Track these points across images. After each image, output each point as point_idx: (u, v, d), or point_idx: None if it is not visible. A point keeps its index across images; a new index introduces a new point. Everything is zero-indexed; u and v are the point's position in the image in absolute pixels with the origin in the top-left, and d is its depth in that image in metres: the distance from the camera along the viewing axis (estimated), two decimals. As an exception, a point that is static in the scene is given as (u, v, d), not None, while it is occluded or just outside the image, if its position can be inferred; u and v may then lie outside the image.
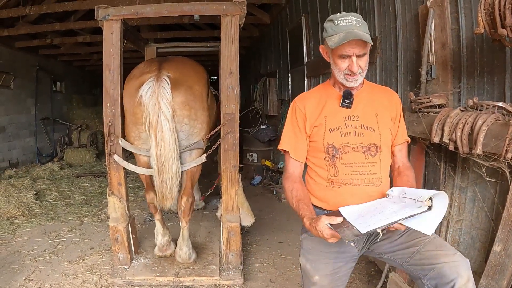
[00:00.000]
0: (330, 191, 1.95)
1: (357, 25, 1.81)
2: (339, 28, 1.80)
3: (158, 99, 3.19)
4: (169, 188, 3.34)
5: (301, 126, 2.01)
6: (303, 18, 5.97)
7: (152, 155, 3.28)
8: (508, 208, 2.01)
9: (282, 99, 7.75)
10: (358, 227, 1.57)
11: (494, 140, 1.98)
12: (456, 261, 1.68)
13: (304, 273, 2.07)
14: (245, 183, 4.83)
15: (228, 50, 3.47)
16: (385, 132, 1.97)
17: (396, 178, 2.04)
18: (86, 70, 14.06)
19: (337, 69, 1.89)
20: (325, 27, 1.87)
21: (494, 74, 2.31)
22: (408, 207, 1.65)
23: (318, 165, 1.99)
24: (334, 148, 1.92)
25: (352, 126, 1.94)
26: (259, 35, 9.81)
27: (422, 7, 2.84)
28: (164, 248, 3.71)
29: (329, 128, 1.94)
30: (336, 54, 1.86)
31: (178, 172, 3.35)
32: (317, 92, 2.09)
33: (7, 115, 8.94)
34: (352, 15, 1.84)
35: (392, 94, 2.11)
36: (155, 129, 3.20)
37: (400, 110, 2.07)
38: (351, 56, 1.83)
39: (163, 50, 5.33)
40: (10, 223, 5.17)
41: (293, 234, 4.73)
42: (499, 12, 1.86)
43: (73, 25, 8.26)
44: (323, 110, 1.98)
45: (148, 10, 3.51)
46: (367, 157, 1.92)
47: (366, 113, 1.96)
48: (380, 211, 1.70)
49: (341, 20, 1.81)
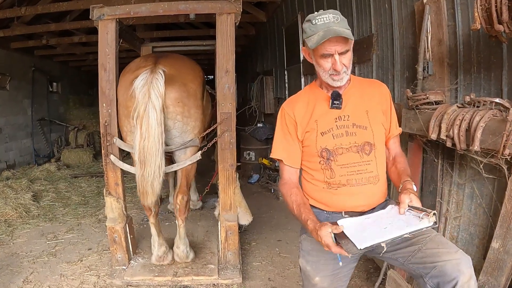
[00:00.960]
0: (327, 193, 1.93)
1: (336, 21, 1.76)
2: (317, 27, 1.75)
3: (149, 89, 3.11)
4: (150, 182, 3.19)
5: (292, 132, 1.98)
6: (299, 16, 5.96)
7: (135, 146, 3.17)
8: (506, 205, 2.01)
9: (279, 97, 7.75)
10: (360, 242, 1.54)
11: (491, 136, 1.98)
12: (458, 259, 1.66)
13: (304, 275, 2.06)
14: (242, 181, 4.82)
15: (224, 49, 3.46)
16: (378, 128, 1.95)
17: (391, 168, 2.02)
18: (82, 70, 14.00)
19: (321, 70, 1.85)
20: (304, 28, 1.83)
21: (491, 70, 2.30)
22: (412, 221, 1.63)
23: (313, 168, 1.97)
24: (328, 151, 1.90)
25: (344, 126, 1.91)
26: (255, 33, 9.80)
27: (418, 4, 2.84)
28: (161, 258, 3.66)
29: (320, 132, 1.91)
30: (318, 55, 1.81)
31: (162, 167, 3.21)
32: (304, 95, 2.04)
33: (3, 116, 8.90)
34: (330, 12, 1.79)
35: (380, 86, 2.07)
36: (141, 119, 3.10)
37: (390, 101, 2.04)
38: (333, 55, 1.78)
39: (159, 49, 5.31)
40: (7, 225, 5.15)
41: (291, 232, 4.73)
42: (495, 8, 1.85)
43: (69, 25, 8.22)
44: (313, 114, 1.94)
45: (143, 10, 3.50)
46: (362, 156, 1.90)
47: (356, 111, 1.93)
48: (383, 225, 1.67)
49: (319, 19, 1.76)
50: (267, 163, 7.53)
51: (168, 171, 3.45)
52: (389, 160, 2.06)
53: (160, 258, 3.64)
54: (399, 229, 1.59)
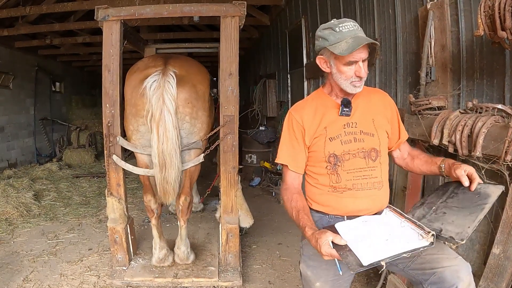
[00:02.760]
0: (332, 196, 1.94)
1: (358, 29, 1.78)
2: (343, 35, 1.76)
3: (163, 93, 3.15)
4: (172, 183, 3.30)
5: (299, 137, 1.98)
6: (302, 20, 5.97)
7: (153, 149, 3.23)
8: (507, 211, 2.01)
9: (282, 101, 7.76)
10: (360, 258, 1.53)
11: (493, 142, 1.98)
12: (457, 265, 1.67)
13: (305, 280, 2.06)
14: (244, 184, 4.82)
15: (228, 52, 3.46)
16: (383, 135, 1.97)
17: (413, 162, 2.08)
18: (85, 70, 14.05)
19: (343, 77, 1.84)
20: (324, 36, 1.81)
21: (494, 77, 2.31)
22: (411, 236, 1.63)
23: (319, 173, 1.97)
24: (336, 156, 1.90)
25: (352, 133, 1.92)
26: (259, 37, 9.82)
27: (422, 9, 2.85)
28: (162, 260, 3.66)
29: (329, 137, 1.92)
30: (342, 62, 1.80)
31: (181, 168, 3.34)
32: (312, 102, 2.04)
33: (6, 115, 8.93)
34: (349, 20, 1.81)
35: (384, 96, 2.10)
36: (158, 124, 3.16)
37: (395, 110, 2.07)
38: (358, 62, 1.79)
39: (162, 51, 5.32)
40: (8, 223, 5.17)
41: (292, 235, 4.73)
42: (499, 14, 1.86)
43: (73, 26, 8.26)
44: (322, 120, 1.95)
45: (148, 11, 3.51)
46: (368, 162, 1.91)
47: (363, 119, 1.95)
48: (383, 235, 1.68)
49: (342, 27, 1.77)
50: (268, 166, 7.54)
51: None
52: (405, 158, 2.13)
53: (161, 260, 3.64)
54: (399, 244, 1.60)
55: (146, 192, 3.61)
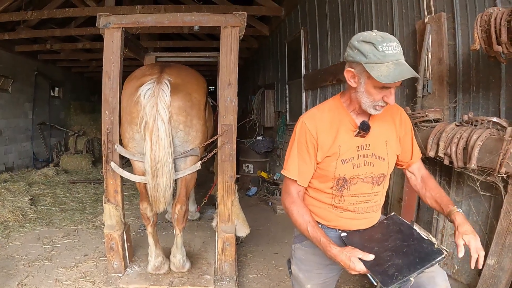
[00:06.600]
0: (331, 213, 1.94)
1: (400, 52, 1.65)
2: (386, 57, 1.61)
3: (157, 101, 3.15)
4: (163, 192, 3.28)
5: (311, 152, 1.86)
6: (302, 31, 6.03)
7: (146, 157, 3.22)
8: (501, 222, 2.03)
9: (279, 111, 7.80)
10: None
11: (488, 154, 2.01)
12: (433, 271, 1.71)
13: (296, 281, 2.11)
14: (240, 194, 4.80)
15: (227, 62, 3.48)
16: (393, 160, 1.92)
17: (425, 194, 1.97)
18: (85, 76, 14.10)
19: (370, 98, 1.71)
20: (362, 50, 1.65)
21: (490, 90, 2.35)
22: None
23: (322, 190, 1.92)
24: (345, 179, 1.85)
25: (364, 156, 1.84)
26: (258, 47, 9.89)
27: (420, 23, 2.89)
28: (158, 268, 3.64)
29: (342, 159, 1.83)
30: (375, 84, 1.66)
31: (173, 176, 3.31)
32: (328, 113, 1.88)
33: (4, 118, 8.95)
34: (393, 39, 1.66)
35: (401, 112, 1.98)
36: (151, 132, 3.15)
37: (410, 127, 1.98)
38: (391, 88, 1.69)
39: (162, 59, 5.35)
40: (4, 227, 5.15)
41: (288, 245, 4.69)
42: (494, 29, 1.90)
43: (73, 31, 8.32)
44: (337, 138, 1.83)
45: (149, 20, 3.53)
46: (373, 188, 1.89)
47: (377, 140, 1.86)
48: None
49: (386, 47, 1.61)
50: (265, 176, 7.56)
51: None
52: (418, 183, 2.03)
53: (157, 268, 3.63)
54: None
55: (142, 200, 3.60)
